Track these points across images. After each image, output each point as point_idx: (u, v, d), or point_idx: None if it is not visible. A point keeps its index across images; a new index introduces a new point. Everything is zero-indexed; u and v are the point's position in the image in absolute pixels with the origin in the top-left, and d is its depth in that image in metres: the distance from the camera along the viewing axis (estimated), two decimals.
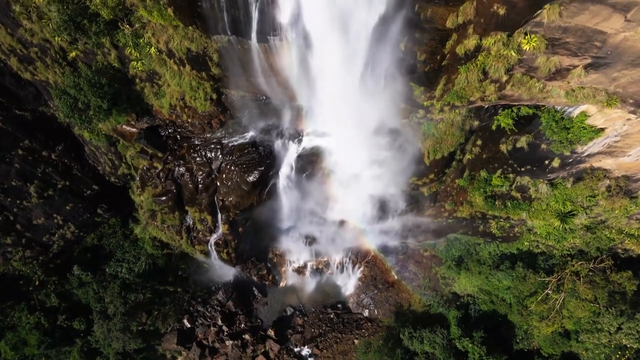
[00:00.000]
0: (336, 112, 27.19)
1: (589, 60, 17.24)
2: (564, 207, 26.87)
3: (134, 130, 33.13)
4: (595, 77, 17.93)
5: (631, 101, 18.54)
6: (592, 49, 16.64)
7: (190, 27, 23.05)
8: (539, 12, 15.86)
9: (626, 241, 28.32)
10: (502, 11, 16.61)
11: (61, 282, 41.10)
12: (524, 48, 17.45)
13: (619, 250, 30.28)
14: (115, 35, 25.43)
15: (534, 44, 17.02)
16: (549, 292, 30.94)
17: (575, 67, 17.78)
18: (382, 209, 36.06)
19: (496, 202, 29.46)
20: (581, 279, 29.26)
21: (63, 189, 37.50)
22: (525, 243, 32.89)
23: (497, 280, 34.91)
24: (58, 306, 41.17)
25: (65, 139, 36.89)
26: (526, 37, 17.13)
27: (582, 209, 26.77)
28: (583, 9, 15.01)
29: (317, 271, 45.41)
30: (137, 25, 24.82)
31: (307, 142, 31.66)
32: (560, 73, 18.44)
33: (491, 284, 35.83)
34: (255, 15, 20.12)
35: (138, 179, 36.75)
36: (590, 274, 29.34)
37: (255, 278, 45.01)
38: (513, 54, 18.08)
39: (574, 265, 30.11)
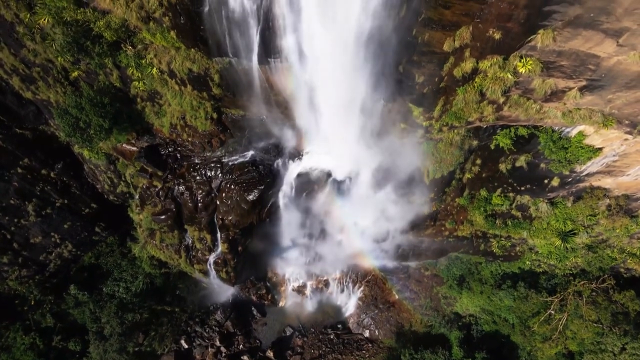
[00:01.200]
0: (336, 133, 27.39)
1: (583, 83, 17.52)
2: (565, 226, 26.81)
3: (134, 148, 33.23)
4: (590, 99, 18.18)
5: (627, 122, 18.74)
6: (586, 72, 16.94)
7: (192, 49, 23.44)
8: (533, 36, 16.23)
9: (628, 260, 28.17)
10: (497, 36, 16.95)
11: (57, 302, 40.44)
12: (520, 71, 17.78)
13: (622, 270, 30.05)
14: (118, 56, 25.82)
15: (529, 67, 17.35)
16: (552, 312, 30.57)
17: (570, 89, 18.06)
18: (383, 234, 36.21)
19: (497, 221, 29.38)
20: (584, 299, 28.96)
21: (61, 207, 37.33)
22: (527, 262, 32.67)
23: (499, 299, 34.47)
24: (53, 326, 40.40)
25: (64, 158, 36.88)
26: (522, 61, 17.47)
27: (583, 228, 26.71)
28: (576, 34, 15.35)
29: (317, 291, 44.80)
30: (139, 47, 25.22)
31: (307, 162, 31.75)
32: (556, 95, 18.71)
33: (493, 304, 35.36)
34: (256, 39, 20.52)
35: (137, 197, 36.63)
36: (593, 294, 29.09)
37: (254, 298, 44.39)
38: (509, 76, 18.38)
39: (576, 285, 29.86)
